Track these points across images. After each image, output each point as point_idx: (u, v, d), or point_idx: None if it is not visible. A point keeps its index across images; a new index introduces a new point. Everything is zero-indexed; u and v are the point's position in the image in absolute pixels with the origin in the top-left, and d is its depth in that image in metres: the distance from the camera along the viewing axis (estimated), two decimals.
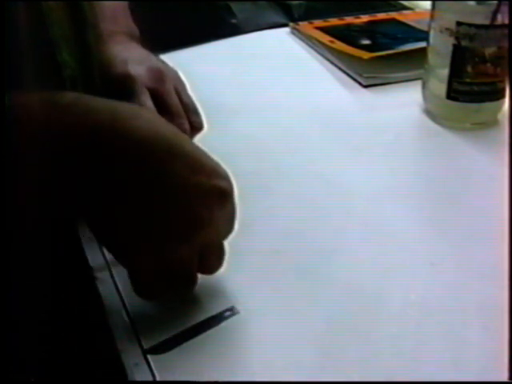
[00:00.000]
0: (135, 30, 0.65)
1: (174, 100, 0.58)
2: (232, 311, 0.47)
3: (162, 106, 0.56)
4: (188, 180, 0.42)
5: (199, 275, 0.46)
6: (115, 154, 0.41)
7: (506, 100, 0.71)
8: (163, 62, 0.61)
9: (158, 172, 0.41)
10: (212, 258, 0.46)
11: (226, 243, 0.47)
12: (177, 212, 0.42)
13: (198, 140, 0.60)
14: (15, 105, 0.38)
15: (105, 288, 0.50)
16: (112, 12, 0.64)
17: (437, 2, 0.69)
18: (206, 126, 0.60)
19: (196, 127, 0.59)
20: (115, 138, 0.41)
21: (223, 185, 0.44)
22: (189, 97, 0.60)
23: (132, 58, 0.58)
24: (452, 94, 0.70)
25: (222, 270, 0.48)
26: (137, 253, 0.43)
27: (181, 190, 0.42)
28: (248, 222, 0.50)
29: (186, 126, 0.57)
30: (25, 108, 0.38)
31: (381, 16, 1.02)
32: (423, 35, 0.74)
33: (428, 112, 0.74)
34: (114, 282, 0.50)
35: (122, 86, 0.56)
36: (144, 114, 0.43)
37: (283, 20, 1.03)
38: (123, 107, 0.43)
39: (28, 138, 0.38)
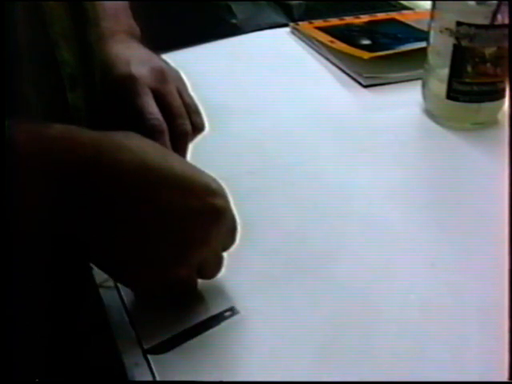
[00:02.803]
0: (136, 30, 0.65)
1: (177, 101, 0.57)
2: (232, 311, 0.47)
3: (165, 106, 0.56)
4: (179, 204, 0.43)
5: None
6: (102, 189, 0.41)
7: (506, 100, 0.71)
8: (165, 62, 0.61)
9: (148, 201, 0.42)
10: (210, 269, 0.47)
11: None
12: (171, 237, 0.43)
13: (199, 141, 0.60)
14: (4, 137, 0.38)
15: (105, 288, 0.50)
16: (113, 11, 0.63)
17: (437, 2, 0.69)
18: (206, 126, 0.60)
19: (198, 128, 0.59)
20: (101, 173, 0.41)
21: (217, 203, 0.44)
22: (191, 97, 0.60)
23: (134, 57, 0.58)
24: (452, 94, 0.70)
25: (221, 271, 0.48)
26: (136, 277, 0.44)
27: (173, 215, 0.42)
28: (248, 223, 0.50)
29: (188, 126, 0.57)
30: (11, 141, 0.38)
31: (381, 16, 1.02)
32: (423, 35, 0.74)
33: (428, 112, 0.74)
34: (114, 282, 0.50)
35: (125, 87, 0.56)
36: (129, 144, 0.43)
37: (283, 20, 1.03)
38: (108, 139, 0.43)
39: (14, 171, 0.38)
